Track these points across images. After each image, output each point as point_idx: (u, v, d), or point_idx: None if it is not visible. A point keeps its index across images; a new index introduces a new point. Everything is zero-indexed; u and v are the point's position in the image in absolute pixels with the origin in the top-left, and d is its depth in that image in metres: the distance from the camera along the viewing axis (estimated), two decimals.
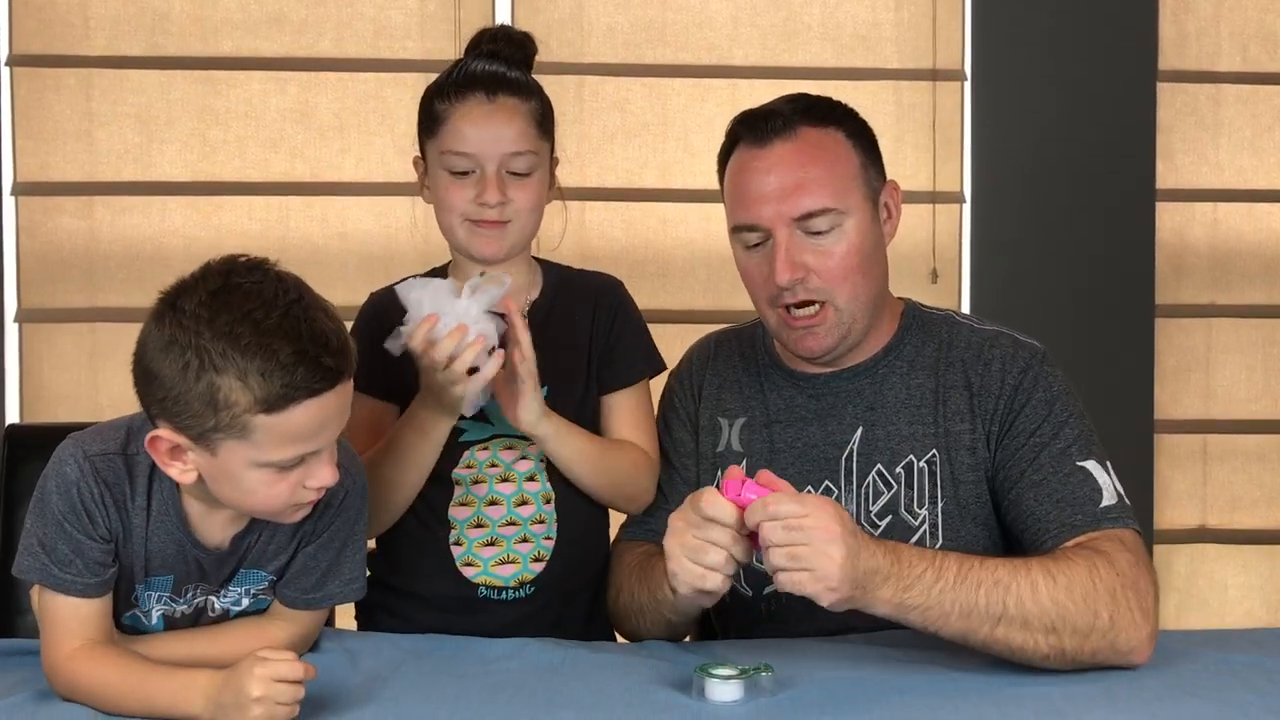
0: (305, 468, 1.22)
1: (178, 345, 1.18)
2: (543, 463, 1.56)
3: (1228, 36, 2.85)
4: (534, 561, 1.56)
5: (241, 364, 1.16)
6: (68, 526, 1.25)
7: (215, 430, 1.18)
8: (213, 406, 1.17)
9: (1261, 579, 2.91)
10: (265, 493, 1.22)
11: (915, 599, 1.29)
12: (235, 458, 1.20)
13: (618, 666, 1.34)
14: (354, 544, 1.36)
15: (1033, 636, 1.30)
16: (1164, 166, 2.84)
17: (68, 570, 1.25)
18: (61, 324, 2.70)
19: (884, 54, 2.80)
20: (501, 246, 1.56)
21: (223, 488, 1.24)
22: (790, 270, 1.48)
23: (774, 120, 1.51)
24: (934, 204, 2.80)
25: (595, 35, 2.76)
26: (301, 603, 1.34)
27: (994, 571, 1.31)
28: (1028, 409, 1.50)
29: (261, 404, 1.17)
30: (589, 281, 1.65)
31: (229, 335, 1.16)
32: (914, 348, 1.58)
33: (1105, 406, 1.56)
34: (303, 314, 1.18)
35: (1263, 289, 2.88)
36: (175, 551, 1.29)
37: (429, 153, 1.58)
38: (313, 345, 1.18)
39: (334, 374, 1.19)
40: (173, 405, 1.19)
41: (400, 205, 2.71)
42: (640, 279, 2.70)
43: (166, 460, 1.23)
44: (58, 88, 2.68)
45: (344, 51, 2.73)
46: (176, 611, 1.33)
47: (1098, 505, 1.42)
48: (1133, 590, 1.33)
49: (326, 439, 1.22)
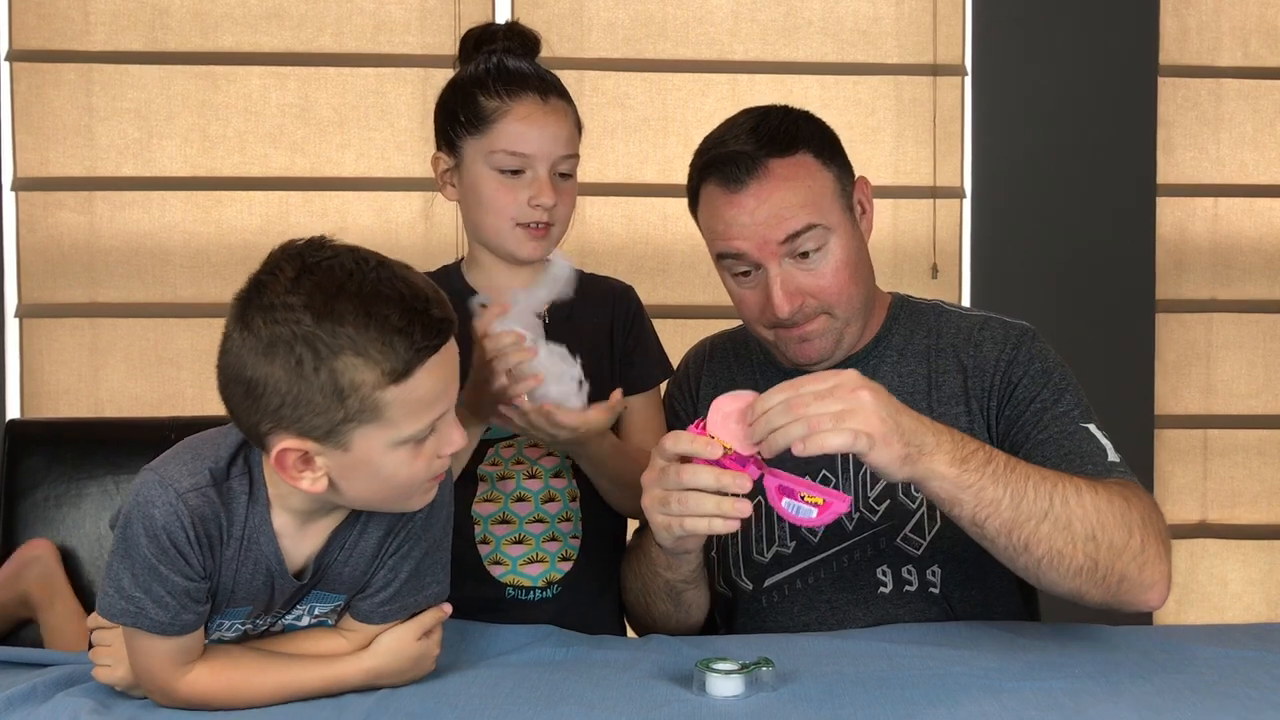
0: (436, 436, 1.15)
1: (281, 343, 1.08)
2: (569, 460, 1.56)
3: (1228, 31, 2.85)
4: (561, 561, 1.55)
5: (357, 340, 1.08)
6: (163, 569, 1.15)
7: (345, 421, 1.10)
8: (339, 396, 1.09)
9: (1262, 574, 2.91)
10: (406, 474, 1.15)
11: (970, 477, 1.27)
12: (371, 445, 1.12)
13: (619, 661, 1.34)
14: (439, 551, 1.27)
15: (1073, 541, 1.30)
16: (1165, 161, 2.84)
17: (165, 611, 1.16)
18: (62, 319, 2.71)
19: (884, 49, 2.80)
20: (545, 248, 1.55)
21: (357, 484, 1.15)
22: (789, 301, 1.49)
23: (742, 161, 1.49)
24: (934, 199, 2.80)
25: (595, 30, 2.76)
26: (379, 616, 1.25)
27: (1039, 469, 1.31)
28: (1025, 380, 1.52)
29: (390, 375, 1.09)
30: (606, 286, 1.64)
31: (333, 315, 1.07)
32: (903, 336, 1.60)
33: (1106, 401, 1.56)
34: (393, 274, 1.11)
35: (1263, 284, 2.88)
36: (263, 582, 1.21)
37: (468, 151, 1.53)
38: (418, 301, 1.10)
39: (447, 324, 1.13)
40: (293, 410, 1.09)
41: (401, 200, 2.71)
42: (640, 274, 2.70)
43: (295, 474, 1.13)
44: (58, 83, 2.69)
45: (344, 46, 2.73)
46: (244, 632, 1.27)
47: (1105, 459, 1.45)
48: (1155, 528, 1.36)
49: (452, 396, 1.15)
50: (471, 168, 1.53)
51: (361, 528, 1.23)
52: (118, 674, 1.24)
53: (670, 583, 1.50)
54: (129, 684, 1.25)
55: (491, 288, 1.58)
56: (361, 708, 1.19)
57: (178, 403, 2.71)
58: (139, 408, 2.71)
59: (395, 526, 1.23)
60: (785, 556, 1.55)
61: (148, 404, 2.72)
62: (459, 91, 1.54)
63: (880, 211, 1.65)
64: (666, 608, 1.53)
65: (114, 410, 2.70)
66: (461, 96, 1.53)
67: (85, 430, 1.99)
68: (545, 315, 1.55)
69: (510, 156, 1.50)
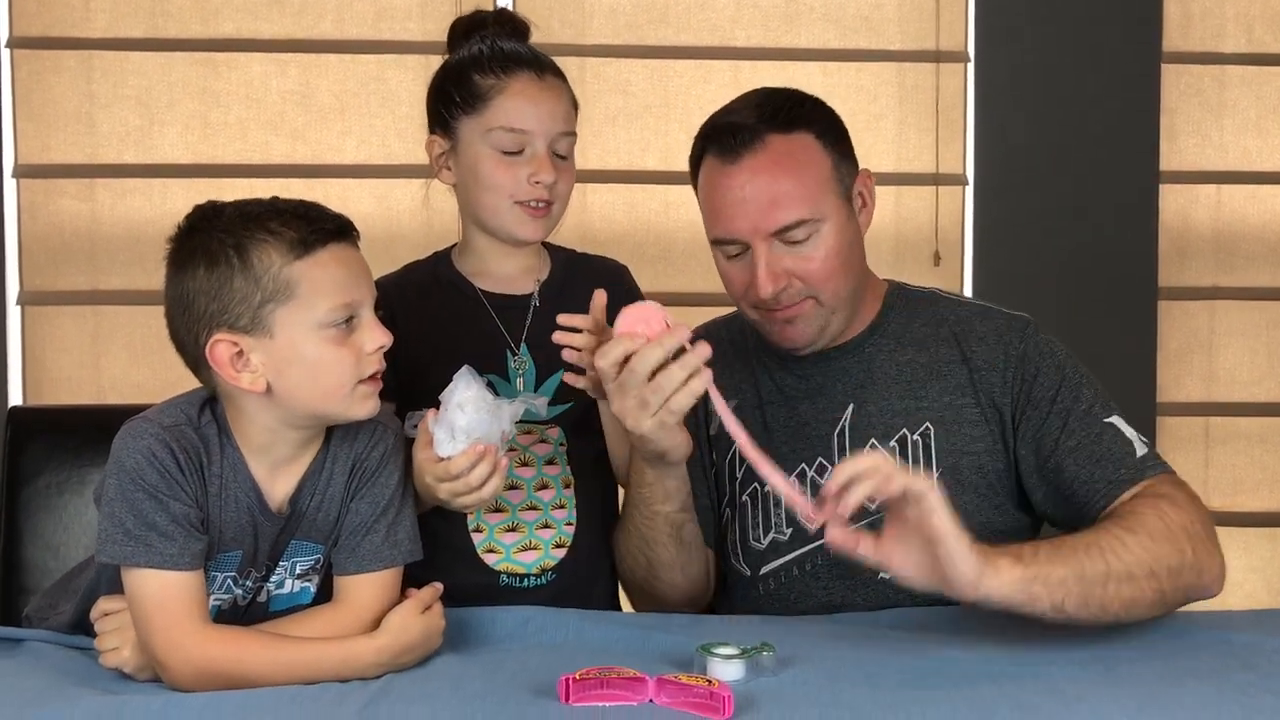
0: (359, 332, 1.26)
1: (201, 250, 1.25)
2: (562, 446, 1.56)
3: (1232, 17, 2.84)
4: (555, 548, 1.55)
5: (262, 228, 1.24)
6: (162, 496, 1.23)
7: (264, 303, 1.23)
8: (254, 279, 1.23)
9: (1263, 561, 2.91)
10: (334, 365, 1.25)
11: (1034, 570, 1.28)
12: (293, 327, 1.24)
13: (620, 645, 1.35)
14: (402, 504, 1.35)
15: (1139, 585, 1.32)
16: (1167, 148, 2.83)
17: (172, 542, 1.23)
18: (63, 306, 2.71)
19: (887, 35, 2.79)
20: (544, 229, 1.54)
21: (291, 379, 1.25)
22: (773, 282, 1.49)
23: (741, 133, 1.49)
24: (936, 186, 2.79)
25: (597, 17, 2.75)
26: (354, 565, 1.31)
27: (1078, 540, 1.33)
28: (1040, 378, 1.52)
29: (294, 249, 1.24)
30: (599, 265, 1.64)
31: (241, 216, 1.25)
32: (900, 324, 1.59)
33: (1108, 388, 1.56)
34: (286, 201, 1.29)
35: (1266, 271, 2.87)
36: (247, 521, 1.29)
37: (465, 131, 1.52)
38: (313, 207, 1.28)
39: (345, 225, 1.28)
40: (219, 305, 1.24)
41: (402, 188, 2.71)
42: (642, 261, 2.70)
43: (233, 372, 1.25)
44: (58, 70, 2.68)
45: (345, 33, 2.73)
46: (234, 598, 1.32)
47: (1136, 457, 1.46)
48: (1200, 525, 1.39)
49: (365, 293, 1.28)
50: (469, 148, 1.52)
51: (329, 472, 1.32)
52: (124, 654, 1.25)
53: (669, 517, 1.50)
54: (137, 665, 1.25)
55: (482, 274, 1.58)
56: (365, 693, 1.20)
57: (179, 390, 2.70)
58: (141, 395, 2.71)
59: (355, 467, 1.33)
60: (781, 543, 1.55)
61: (149, 391, 2.72)
62: (453, 73, 1.53)
63: (882, 198, 1.64)
64: (671, 554, 1.52)
65: (116, 397, 2.70)
66: (456, 77, 1.52)
67: (87, 417, 1.98)
68: (536, 297, 1.55)
69: (508, 133, 1.49)
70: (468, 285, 1.58)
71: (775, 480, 1.30)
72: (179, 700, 1.18)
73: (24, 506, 1.80)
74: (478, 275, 1.59)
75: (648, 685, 1.17)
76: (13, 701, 1.18)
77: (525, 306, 1.57)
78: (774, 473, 1.30)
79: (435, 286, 1.58)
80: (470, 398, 1.32)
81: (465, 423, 1.32)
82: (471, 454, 1.32)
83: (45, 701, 1.17)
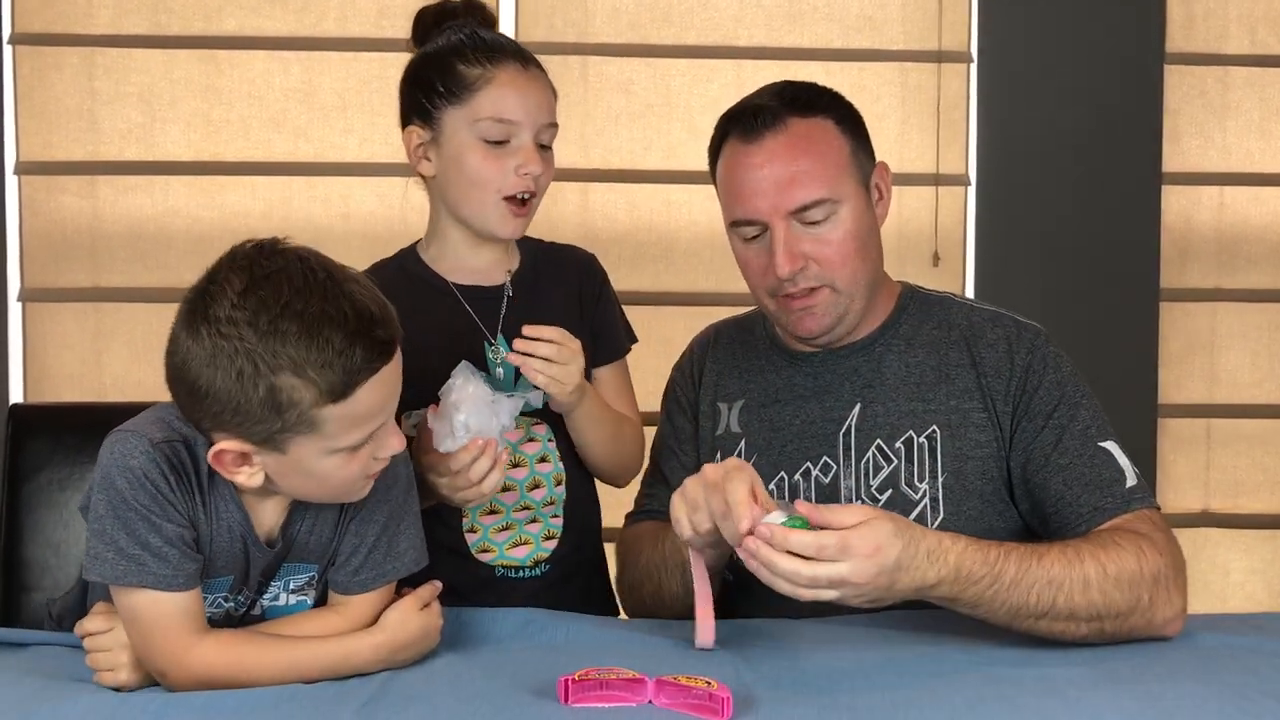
0: (373, 442, 1.20)
1: (224, 355, 1.13)
2: (551, 442, 1.56)
3: (1235, 19, 2.84)
4: (546, 540, 1.56)
5: (298, 360, 1.12)
6: (154, 518, 1.18)
7: (283, 431, 1.15)
8: (277, 410, 1.13)
9: (1264, 563, 2.91)
10: (339, 476, 1.19)
11: (967, 600, 1.29)
12: (306, 452, 1.17)
13: (619, 645, 1.35)
14: (404, 517, 1.30)
15: (1075, 625, 1.33)
16: (1170, 149, 2.83)
17: (166, 564, 1.18)
18: (65, 304, 2.70)
19: (889, 35, 2.78)
20: (524, 226, 1.54)
21: (292, 481, 1.20)
22: (790, 262, 1.49)
23: (762, 115, 1.51)
24: (938, 186, 2.79)
25: (599, 16, 2.75)
26: (356, 585, 1.28)
27: (1049, 569, 1.31)
28: (1041, 390, 1.51)
29: (328, 395, 1.13)
30: (567, 254, 1.64)
31: (276, 334, 1.12)
32: (911, 326, 1.59)
33: (1109, 390, 1.56)
34: (340, 291, 1.14)
35: (1268, 273, 2.87)
36: (239, 549, 1.24)
37: (448, 121, 1.50)
38: (361, 323, 1.14)
39: (389, 345, 1.16)
40: (233, 417, 1.15)
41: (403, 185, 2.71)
42: (644, 261, 2.70)
43: (232, 469, 1.19)
44: (60, 67, 2.68)
45: (347, 31, 2.73)
46: (225, 611, 1.29)
47: (1124, 486, 1.45)
48: (1172, 569, 1.38)
49: (391, 408, 1.20)
50: (453, 139, 1.51)
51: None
52: (121, 677, 1.23)
53: (686, 570, 1.48)
54: (137, 682, 1.23)
55: (453, 267, 1.56)
56: (364, 692, 1.19)
57: None
58: (142, 392, 2.70)
59: None
60: None
61: (150, 389, 2.67)
62: (434, 62, 1.51)
63: None
64: (675, 586, 1.51)
65: (117, 395, 2.70)
66: (439, 66, 1.51)
67: (88, 415, 1.98)
68: (509, 287, 1.55)
69: (497, 124, 1.49)
70: (438, 279, 1.58)
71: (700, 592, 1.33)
72: (178, 699, 1.18)
73: (25, 504, 1.80)
74: (448, 269, 1.58)
75: (647, 686, 1.17)
76: (13, 701, 1.18)
77: (498, 298, 1.57)
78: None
79: (406, 283, 1.56)
80: (469, 394, 1.32)
81: (464, 418, 1.32)
82: (472, 449, 1.33)
83: (45, 701, 1.17)
